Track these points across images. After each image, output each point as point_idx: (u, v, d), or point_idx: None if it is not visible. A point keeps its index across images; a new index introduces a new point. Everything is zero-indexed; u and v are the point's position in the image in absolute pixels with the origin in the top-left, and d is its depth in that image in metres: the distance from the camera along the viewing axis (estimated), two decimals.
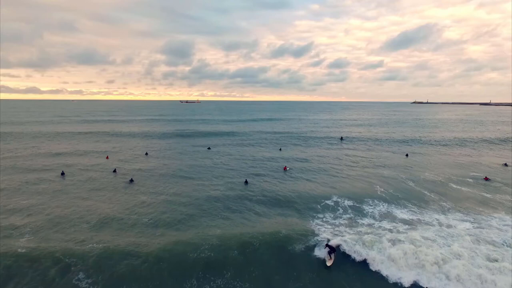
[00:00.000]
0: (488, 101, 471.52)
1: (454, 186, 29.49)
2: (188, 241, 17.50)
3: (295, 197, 25.91)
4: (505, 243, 17.93)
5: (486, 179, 31.03)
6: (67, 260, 15.54)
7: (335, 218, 21.79)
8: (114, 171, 33.26)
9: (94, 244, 17.02)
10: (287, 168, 35.69)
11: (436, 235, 18.83)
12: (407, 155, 44.96)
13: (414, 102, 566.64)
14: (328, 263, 16.23)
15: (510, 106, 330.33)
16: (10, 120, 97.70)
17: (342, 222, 21.08)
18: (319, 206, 23.80)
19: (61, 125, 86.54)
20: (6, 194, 25.55)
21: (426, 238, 18.29)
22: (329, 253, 16.67)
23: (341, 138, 61.63)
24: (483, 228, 20.00)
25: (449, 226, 20.54)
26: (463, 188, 28.64)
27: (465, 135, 67.76)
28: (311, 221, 20.99)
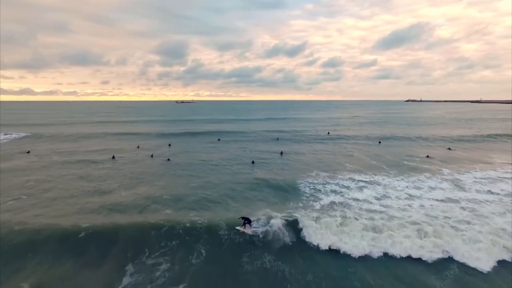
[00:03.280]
0: (479, 99, 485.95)
1: (405, 162, 40.21)
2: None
3: (288, 171, 36.45)
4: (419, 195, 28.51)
5: (428, 157, 41.97)
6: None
7: (314, 180, 32.27)
8: (152, 156, 43.61)
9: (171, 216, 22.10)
10: (283, 153, 46.26)
11: (377, 191, 29.39)
12: (379, 142, 55.96)
13: (407, 100, 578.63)
14: (241, 229, 19.79)
15: (500, 104, 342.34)
16: (30, 123, 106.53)
17: (317, 181, 31.68)
18: (304, 175, 34.14)
19: (76, 126, 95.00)
20: (78, 180, 32.27)
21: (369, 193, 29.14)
22: (244, 223, 20.10)
23: (328, 133, 72.32)
24: (415, 184, 30.85)
25: (391, 185, 31.02)
26: (409, 163, 39.40)
27: (434, 131, 78.30)
28: (299, 182, 31.34)
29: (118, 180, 32.14)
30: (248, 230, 19.95)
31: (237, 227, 20.08)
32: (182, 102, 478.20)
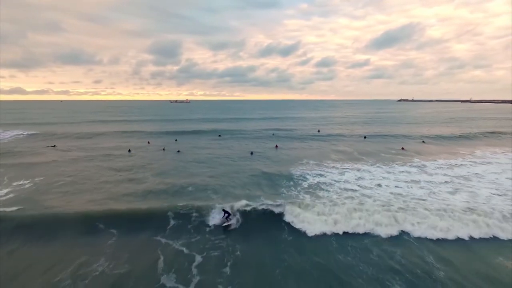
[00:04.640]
0: (469, 99, 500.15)
1: (383, 154, 46.81)
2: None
3: (282, 161, 42.77)
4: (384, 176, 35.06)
5: (402, 149, 48.68)
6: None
7: (304, 167, 38.63)
8: (163, 149, 49.55)
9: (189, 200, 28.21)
10: (278, 147, 52.62)
11: (355, 175, 35.95)
12: (365, 137, 62.69)
13: (400, 100, 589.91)
14: (225, 222, 21.24)
15: (489, 104, 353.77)
16: (34, 122, 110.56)
17: (306, 167, 38.03)
18: (295, 163, 40.50)
19: (80, 125, 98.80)
20: (106, 170, 37.95)
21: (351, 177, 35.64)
22: (226, 217, 21.52)
23: (318, 131, 78.94)
24: (387, 170, 37.38)
25: (368, 170, 37.55)
26: (386, 155, 46.03)
27: (418, 129, 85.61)
28: (291, 168, 37.65)
29: (140, 170, 37.96)
30: (226, 222, 21.69)
31: (224, 224, 21.70)
32: (176, 101, 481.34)
